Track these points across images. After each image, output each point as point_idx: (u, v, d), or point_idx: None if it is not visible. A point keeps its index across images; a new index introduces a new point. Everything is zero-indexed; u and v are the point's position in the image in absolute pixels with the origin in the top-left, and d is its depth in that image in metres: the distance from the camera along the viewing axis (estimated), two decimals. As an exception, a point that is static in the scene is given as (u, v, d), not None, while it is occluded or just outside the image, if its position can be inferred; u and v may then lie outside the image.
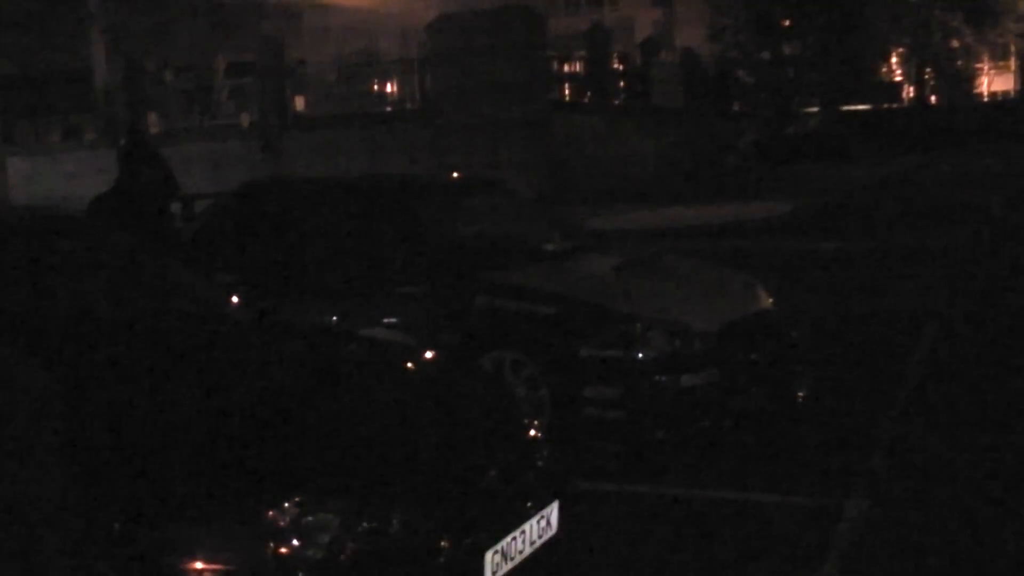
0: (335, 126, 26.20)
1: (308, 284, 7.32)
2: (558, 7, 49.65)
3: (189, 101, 28.07)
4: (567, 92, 31.22)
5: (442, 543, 3.85)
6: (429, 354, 5.67)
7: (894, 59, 46.29)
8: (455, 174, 12.26)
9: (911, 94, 44.74)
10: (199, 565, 3.46)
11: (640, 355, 6.51)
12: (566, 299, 6.80)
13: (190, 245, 8.18)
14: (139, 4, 30.61)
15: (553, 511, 4.44)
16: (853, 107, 39.86)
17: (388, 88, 29.34)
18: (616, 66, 33.88)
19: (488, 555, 3.98)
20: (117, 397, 4.01)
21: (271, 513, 3.55)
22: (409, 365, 5.34)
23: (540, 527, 4.33)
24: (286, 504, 3.57)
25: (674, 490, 6.17)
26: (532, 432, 4.84)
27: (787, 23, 39.11)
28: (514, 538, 4.14)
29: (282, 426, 4.00)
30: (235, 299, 5.61)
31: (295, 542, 3.55)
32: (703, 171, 30.06)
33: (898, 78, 46.63)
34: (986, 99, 43.63)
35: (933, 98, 44.14)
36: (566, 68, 32.35)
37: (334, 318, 7.04)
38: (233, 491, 3.59)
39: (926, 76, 43.91)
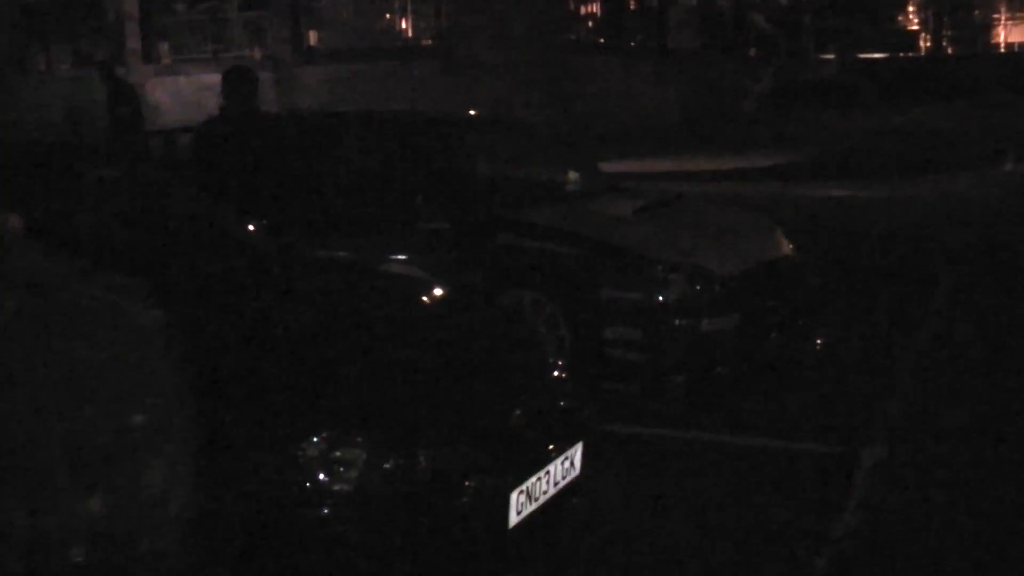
0: (349, 60, 26.00)
1: (328, 219, 7.27)
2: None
3: (202, 32, 27.84)
4: (583, 33, 30.95)
5: (468, 482, 3.84)
6: (449, 291, 5.63)
7: (911, 7, 45.89)
8: (472, 112, 12.16)
9: (928, 43, 44.37)
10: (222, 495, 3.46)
11: (661, 298, 6.47)
12: (588, 240, 6.75)
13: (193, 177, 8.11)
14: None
15: (577, 452, 4.43)
16: (869, 55, 39.54)
17: (403, 24, 29.07)
18: (633, 7, 33.57)
19: (513, 495, 3.97)
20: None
21: (300, 447, 3.54)
22: (432, 302, 5.31)
23: (564, 468, 4.32)
24: (314, 439, 3.56)
25: (693, 434, 6.16)
26: (556, 373, 4.82)
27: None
28: (539, 478, 4.13)
29: (310, 361, 3.98)
30: (251, 227, 5.57)
31: (322, 476, 3.55)
32: (718, 116, 29.85)
33: (915, 27, 46.21)
34: (1003, 50, 43.23)
35: (949, 48, 43.79)
36: (583, 9, 32.04)
37: (354, 253, 7.00)
38: (262, 424, 3.58)
39: (943, 25, 43.54)
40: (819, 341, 7.17)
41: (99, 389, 2.80)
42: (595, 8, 32.09)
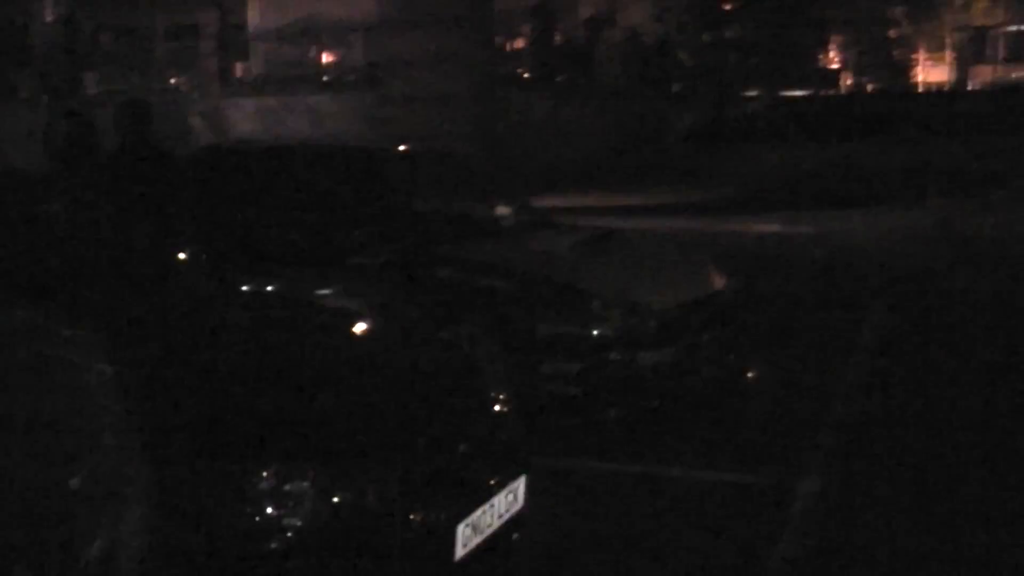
0: (275, 92, 25.96)
1: (264, 252, 7.25)
2: (504, -19, 49.37)
3: (127, 62, 27.64)
4: (512, 67, 31.13)
5: (415, 515, 3.86)
6: (388, 325, 5.66)
7: (832, 46, 46.64)
8: (404, 145, 12.16)
9: (849, 81, 45.09)
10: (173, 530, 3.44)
11: (597, 332, 6.54)
12: (525, 275, 6.81)
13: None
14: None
15: (520, 485, 4.46)
16: (792, 92, 40.13)
17: (331, 55, 29.09)
18: (560, 43, 33.83)
19: (459, 528, 4.00)
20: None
21: (250, 481, 3.53)
22: (373, 335, 5.32)
23: (508, 501, 4.35)
24: (263, 473, 3.56)
25: (630, 467, 6.22)
26: (498, 406, 4.85)
27: (728, 7, 39.29)
28: (484, 511, 4.16)
29: (255, 397, 3.98)
30: (181, 256, 5.56)
31: (271, 510, 3.54)
32: (644, 152, 30.12)
33: (836, 65, 46.97)
34: (921, 89, 44.08)
35: (869, 86, 44.55)
36: (511, 44, 32.26)
37: (288, 286, 6.99)
38: (211, 460, 3.56)
39: (863, 64, 44.30)
40: (752, 374, 7.28)
41: (42, 451, 2.74)
42: (523, 43, 32.32)
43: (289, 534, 3.55)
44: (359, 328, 5.42)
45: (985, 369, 8.37)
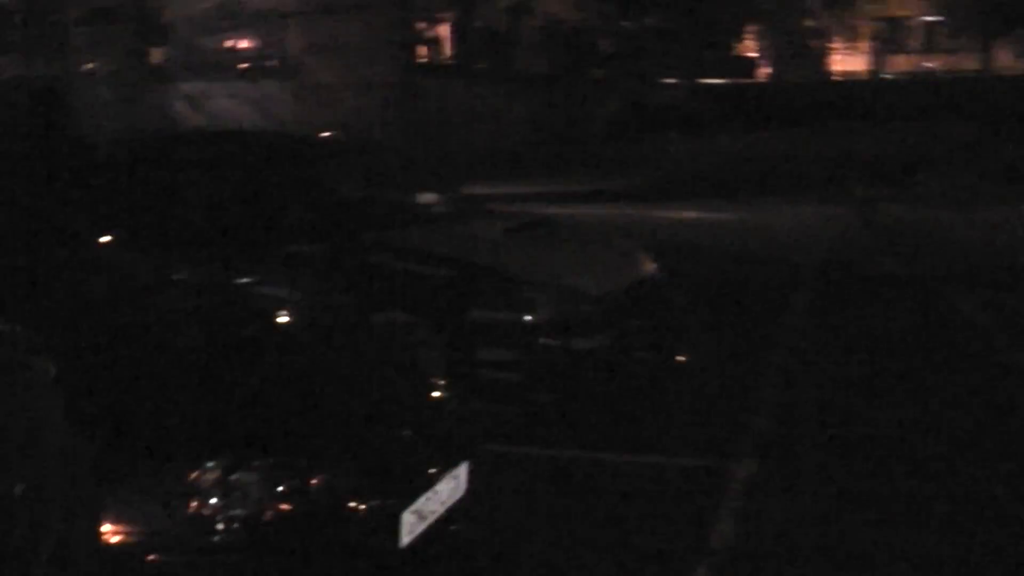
0: (193, 79, 25.65)
1: (196, 242, 7.14)
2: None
3: (39, 47, 27.10)
4: (431, 55, 31.04)
5: (360, 503, 3.84)
6: (324, 313, 5.63)
7: (748, 35, 47.07)
8: (326, 133, 12.09)
9: (766, 71, 45.56)
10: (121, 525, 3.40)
11: (531, 318, 6.54)
12: (458, 261, 6.79)
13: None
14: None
15: (463, 471, 4.45)
16: (709, 80, 40.45)
17: (249, 43, 28.77)
18: (480, 30, 33.78)
19: (404, 515, 3.98)
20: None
21: (194, 473, 3.50)
22: (309, 323, 5.29)
23: (451, 487, 4.34)
24: (209, 464, 3.52)
25: (566, 452, 6.23)
26: (436, 392, 4.84)
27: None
28: (428, 498, 4.14)
29: (197, 387, 3.94)
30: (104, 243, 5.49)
31: (216, 501, 3.50)
32: (566, 139, 30.20)
33: (753, 54, 47.45)
34: (838, 78, 44.67)
35: (785, 75, 45.05)
36: (431, 31, 32.15)
37: (219, 274, 6.90)
38: (154, 453, 3.52)
39: (781, 54, 44.80)
40: (685, 358, 7.33)
41: None
42: (443, 31, 32.24)
43: (235, 525, 3.51)
44: (294, 317, 5.38)
45: (907, 351, 8.52)
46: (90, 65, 26.01)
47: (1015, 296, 10.67)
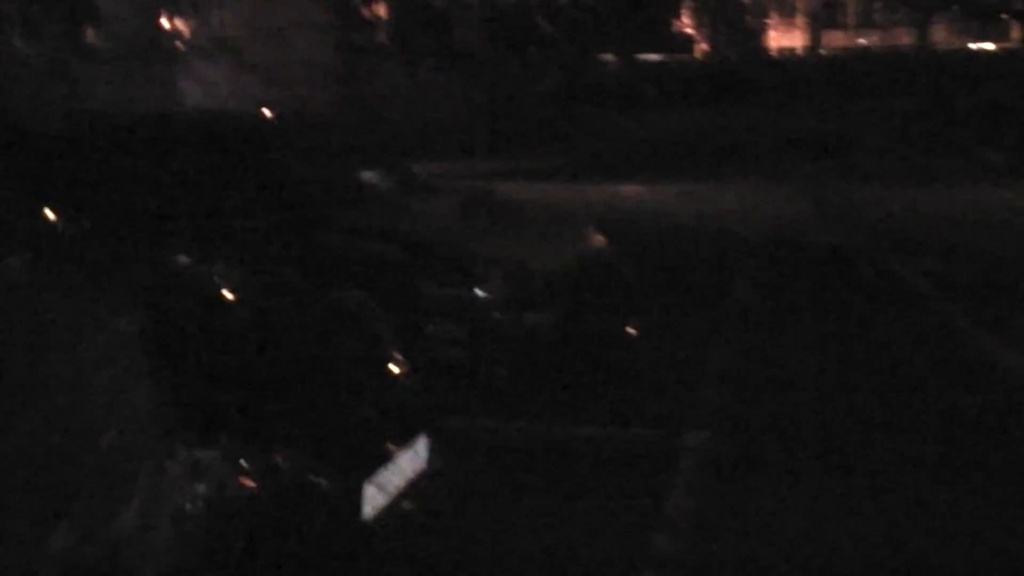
0: (128, 58, 25.31)
1: (148, 220, 7.07)
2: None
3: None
4: (369, 34, 30.85)
5: (323, 479, 3.85)
6: (271, 290, 5.58)
7: (685, 11, 47.27)
8: (268, 112, 12.00)
9: (703, 46, 45.82)
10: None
11: (482, 294, 6.56)
12: (407, 238, 6.79)
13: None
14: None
15: (423, 445, 4.48)
16: (647, 56, 40.58)
17: (188, 23, 28.44)
18: (418, 8, 33.60)
19: (366, 488, 3.99)
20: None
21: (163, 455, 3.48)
22: (258, 301, 5.26)
23: (411, 461, 4.36)
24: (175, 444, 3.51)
25: (520, 426, 6.26)
26: (392, 367, 4.85)
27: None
28: (389, 471, 4.16)
29: (154, 366, 3.91)
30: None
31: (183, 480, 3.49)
32: (504, 117, 30.17)
33: (689, 30, 47.66)
34: (774, 54, 45.01)
35: (723, 51, 45.31)
36: (367, 10, 31.93)
37: (167, 253, 6.84)
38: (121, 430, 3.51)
39: (716, 29, 45.06)
40: (635, 331, 7.38)
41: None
42: (381, 10, 32.06)
43: (199, 503, 3.50)
44: (247, 295, 5.34)
45: (854, 320, 8.65)
46: (20, 44, 25.58)
47: (954, 264, 10.91)
